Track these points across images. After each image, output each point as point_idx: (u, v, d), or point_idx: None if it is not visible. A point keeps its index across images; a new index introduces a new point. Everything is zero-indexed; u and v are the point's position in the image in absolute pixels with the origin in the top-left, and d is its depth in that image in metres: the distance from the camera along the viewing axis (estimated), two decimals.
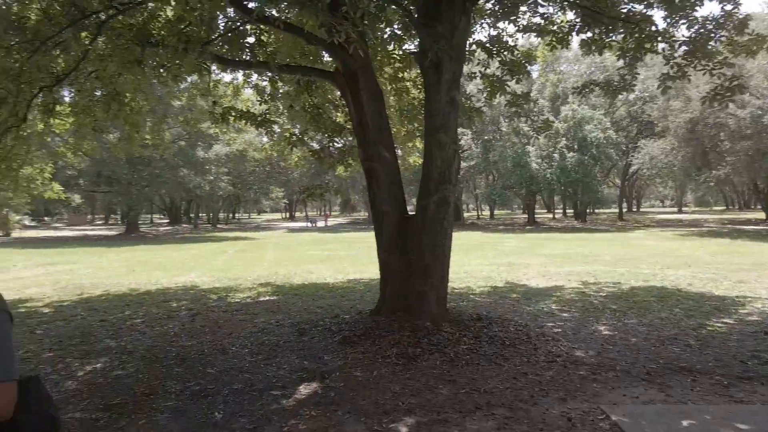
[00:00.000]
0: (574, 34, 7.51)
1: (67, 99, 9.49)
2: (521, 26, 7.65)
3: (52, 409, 1.56)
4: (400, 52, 8.83)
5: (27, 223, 44.88)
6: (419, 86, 9.62)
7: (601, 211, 62.07)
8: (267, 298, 9.38)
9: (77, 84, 8.02)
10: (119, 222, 58.41)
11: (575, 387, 4.45)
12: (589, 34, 7.37)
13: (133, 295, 9.96)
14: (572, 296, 8.91)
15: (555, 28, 7.71)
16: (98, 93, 8.47)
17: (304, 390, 4.54)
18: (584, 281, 10.62)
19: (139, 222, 45.34)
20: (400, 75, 9.33)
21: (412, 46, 8.91)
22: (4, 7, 6.57)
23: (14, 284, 11.51)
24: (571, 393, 4.30)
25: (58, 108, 8.50)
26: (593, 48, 7.53)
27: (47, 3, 6.71)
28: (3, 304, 1.44)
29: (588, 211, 48.76)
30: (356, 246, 22.40)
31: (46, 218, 59.59)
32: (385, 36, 8.11)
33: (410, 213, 6.68)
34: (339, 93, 8.58)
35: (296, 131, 9.82)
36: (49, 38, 6.60)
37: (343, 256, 17.75)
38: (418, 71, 9.31)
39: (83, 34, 6.82)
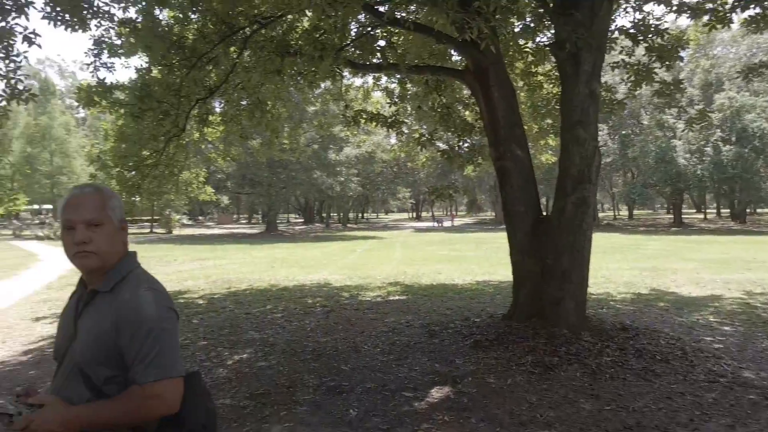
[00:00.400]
0: (737, 10, 6.60)
1: (217, 109, 10.44)
2: (673, 7, 6.89)
3: (210, 403, 1.65)
4: (533, 46, 8.46)
5: (185, 222, 50.34)
6: (553, 80, 9.16)
7: (765, 211, 54.64)
8: (396, 297, 9.50)
9: (226, 95, 8.81)
10: (260, 221, 63.24)
11: (745, 413, 3.88)
12: (758, 10, 6.45)
13: (273, 290, 10.65)
14: (734, 307, 7.88)
15: (714, 6, 6.84)
16: (244, 102, 9.23)
17: (436, 393, 4.48)
18: (748, 291, 9.36)
19: (277, 221, 48.69)
20: (533, 69, 8.95)
21: (544, 39, 8.50)
22: (167, 29, 7.38)
23: (175, 277, 12.91)
24: (740, 420, 3.76)
25: (210, 118, 9.38)
26: (761, 25, 6.58)
27: (202, 23, 7.42)
28: (171, 303, 1.55)
29: (748, 211, 43.26)
30: (484, 246, 22.00)
31: (200, 217, 66.31)
32: (517, 30, 7.81)
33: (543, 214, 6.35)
34: (468, 91, 8.44)
35: (425, 131, 9.84)
36: (204, 54, 7.30)
37: (471, 257, 17.50)
38: (552, 64, 8.88)
39: (232, 48, 7.45)
